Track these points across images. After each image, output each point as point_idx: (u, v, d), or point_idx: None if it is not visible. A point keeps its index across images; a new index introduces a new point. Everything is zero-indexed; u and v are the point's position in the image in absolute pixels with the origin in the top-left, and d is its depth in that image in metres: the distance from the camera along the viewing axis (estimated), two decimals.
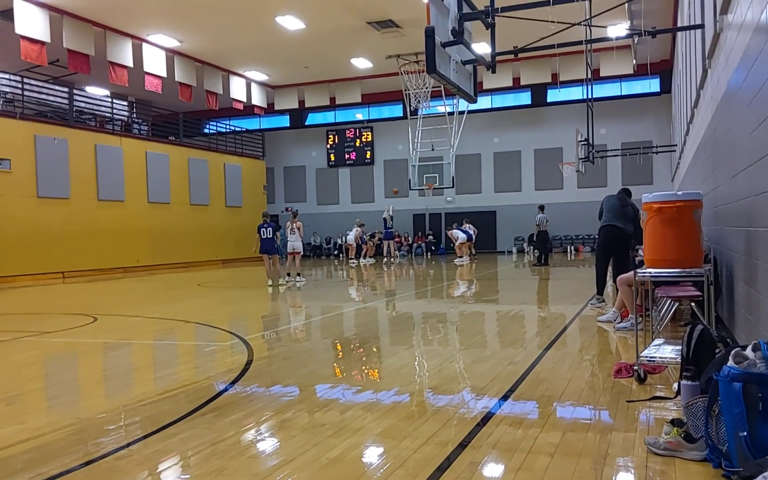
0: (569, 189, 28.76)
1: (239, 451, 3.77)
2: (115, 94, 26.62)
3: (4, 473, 3.49)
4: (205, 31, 21.42)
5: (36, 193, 20.41)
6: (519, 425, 4.01)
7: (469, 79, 8.22)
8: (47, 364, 7.05)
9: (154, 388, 5.51)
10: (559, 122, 29.12)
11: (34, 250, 20.00)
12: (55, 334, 8.93)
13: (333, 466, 3.42)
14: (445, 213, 31.83)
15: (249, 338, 7.80)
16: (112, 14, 19.53)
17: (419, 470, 3.30)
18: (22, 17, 17.31)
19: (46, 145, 20.78)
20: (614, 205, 9.06)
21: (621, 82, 28.34)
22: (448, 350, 6.97)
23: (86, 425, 4.40)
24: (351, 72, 27.11)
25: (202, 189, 27.51)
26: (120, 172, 23.56)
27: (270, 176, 33.91)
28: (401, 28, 21.45)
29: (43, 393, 5.62)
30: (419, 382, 5.46)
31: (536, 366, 5.79)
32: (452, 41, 7.12)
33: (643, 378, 4.85)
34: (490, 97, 30.18)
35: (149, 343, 8.22)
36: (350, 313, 10.04)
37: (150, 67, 21.87)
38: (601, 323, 7.92)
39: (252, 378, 5.64)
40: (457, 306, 11.03)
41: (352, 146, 33.60)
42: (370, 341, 7.78)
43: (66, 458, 3.68)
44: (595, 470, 3.24)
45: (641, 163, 25.65)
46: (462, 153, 27.60)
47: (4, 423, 4.50)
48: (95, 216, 22.46)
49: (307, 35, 22.01)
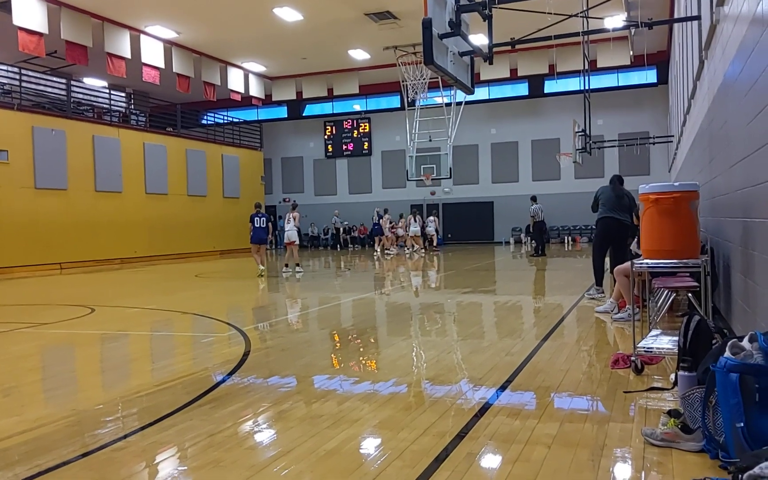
0: (566, 180, 28.79)
1: (236, 442, 3.77)
2: (113, 86, 26.55)
3: (2, 465, 3.48)
4: (203, 22, 21.36)
5: (34, 185, 20.36)
6: (516, 416, 4.02)
7: (466, 71, 8.19)
8: (44, 355, 7.04)
9: (151, 380, 5.51)
10: (556, 113, 29.10)
11: (31, 241, 19.96)
12: (52, 325, 8.92)
13: (330, 457, 3.42)
14: (443, 203, 31.83)
15: (246, 329, 7.81)
16: (110, 5, 19.49)
17: (417, 461, 3.30)
18: (20, 9, 17.30)
19: (44, 136, 20.72)
20: (610, 197, 9.06)
21: (618, 73, 28.34)
22: (445, 341, 6.98)
23: (83, 417, 4.40)
24: (349, 63, 27.04)
25: (199, 180, 27.46)
26: (117, 164, 23.51)
27: (268, 167, 33.86)
28: (399, 20, 21.38)
29: (41, 384, 5.60)
30: (417, 373, 5.47)
31: (533, 357, 5.80)
32: (450, 33, 7.10)
33: (640, 369, 4.86)
34: (487, 88, 30.13)
35: (146, 334, 8.23)
36: (347, 304, 10.04)
37: (148, 59, 21.83)
38: (598, 314, 7.94)
39: (249, 369, 5.64)
40: (455, 296, 11.04)
41: (350, 137, 33.56)
42: (368, 332, 7.78)
43: (63, 450, 3.68)
44: (593, 461, 3.25)
45: (638, 154, 25.70)
46: (459, 144, 27.58)
47: (2, 414, 4.49)
48: (93, 207, 22.42)
49: (305, 26, 21.94)
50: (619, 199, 9.00)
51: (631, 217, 8.82)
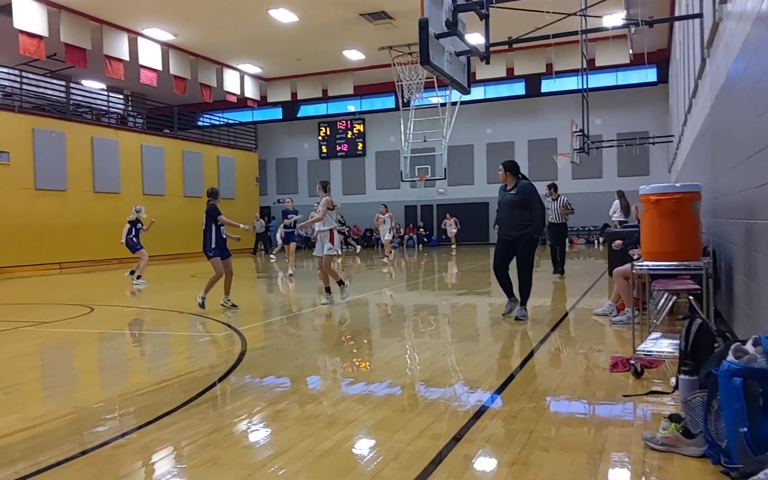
0: (564, 180, 28.66)
1: (234, 441, 3.76)
2: (111, 88, 26.55)
3: (4, 462, 3.48)
4: (200, 24, 21.39)
5: (34, 186, 20.46)
6: (513, 419, 3.97)
7: (462, 70, 8.14)
8: (45, 353, 7.04)
9: (149, 378, 5.50)
10: (553, 113, 29.07)
11: (31, 241, 20.02)
12: (52, 324, 8.92)
13: (326, 458, 3.38)
14: (437, 204, 31.76)
15: (242, 329, 7.76)
16: (109, 8, 19.56)
17: (413, 463, 3.26)
18: (20, 12, 17.42)
19: (44, 137, 20.77)
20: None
21: (617, 71, 28.28)
22: (440, 343, 6.92)
23: (84, 414, 4.40)
24: (343, 64, 27.02)
25: (195, 181, 27.43)
26: (116, 165, 23.57)
27: (263, 168, 33.83)
28: (394, 20, 21.35)
29: (41, 382, 5.60)
30: (411, 375, 5.42)
31: (530, 359, 5.75)
32: (446, 33, 7.04)
33: (640, 372, 4.80)
34: (483, 88, 30.09)
35: (144, 334, 8.22)
36: (341, 305, 9.97)
37: (145, 61, 21.89)
38: (596, 316, 7.88)
39: (245, 369, 5.60)
40: (449, 298, 10.98)
41: (344, 138, 33.53)
42: (362, 333, 7.73)
43: (64, 447, 3.69)
44: (591, 465, 3.19)
45: (637, 154, 25.65)
46: (454, 144, 27.55)
47: (3, 412, 4.49)
48: (91, 208, 22.46)
49: (300, 28, 21.92)
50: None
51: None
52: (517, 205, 7.70)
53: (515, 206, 7.70)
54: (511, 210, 7.74)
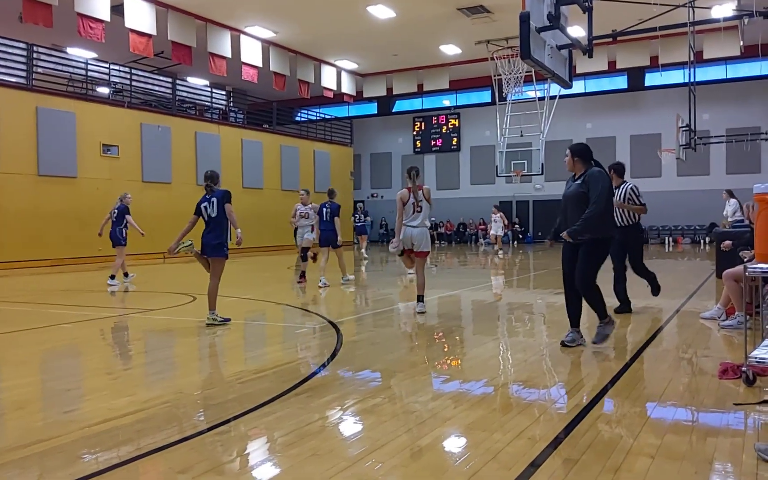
0: (668, 177, 27.46)
1: (331, 433, 3.85)
2: (214, 84, 27.67)
3: (118, 441, 3.68)
4: (299, 21, 21.95)
5: (141, 178, 21.62)
6: (616, 424, 3.87)
7: (564, 64, 7.97)
8: (149, 340, 7.40)
9: (248, 367, 5.69)
10: (657, 107, 27.80)
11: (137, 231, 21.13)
12: (157, 312, 9.40)
13: (424, 455, 3.41)
14: (533, 200, 31.12)
15: (338, 322, 7.92)
16: (214, 7, 20.41)
17: (512, 464, 3.24)
18: (131, 12, 18.43)
19: (151, 132, 21.94)
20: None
21: (726, 64, 26.73)
22: (535, 342, 6.81)
23: (188, 400, 4.62)
24: (439, 59, 26.94)
25: (292, 175, 28.19)
26: (217, 159, 24.50)
27: (357, 163, 34.29)
28: (492, 13, 21.08)
29: (146, 368, 5.88)
30: (508, 375, 5.37)
31: (633, 363, 5.56)
32: (548, 26, 6.93)
33: (752, 380, 4.56)
34: (583, 82, 29.15)
35: (242, 323, 8.51)
36: (433, 302, 9.99)
37: (247, 58, 22.68)
38: (704, 320, 7.52)
39: (341, 361, 5.72)
40: (546, 297, 10.76)
41: (439, 133, 33.45)
42: (455, 330, 7.71)
43: (170, 430, 3.87)
44: (699, 475, 3.07)
45: (748, 150, 24.13)
46: (552, 139, 26.82)
47: (115, 395, 4.77)
48: (195, 200, 23.12)
49: (397, 23, 22.05)
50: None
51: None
52: (582, 199, 5.94)
53: (581, 200, 5.94)
54: (576, 204, 5.97)
